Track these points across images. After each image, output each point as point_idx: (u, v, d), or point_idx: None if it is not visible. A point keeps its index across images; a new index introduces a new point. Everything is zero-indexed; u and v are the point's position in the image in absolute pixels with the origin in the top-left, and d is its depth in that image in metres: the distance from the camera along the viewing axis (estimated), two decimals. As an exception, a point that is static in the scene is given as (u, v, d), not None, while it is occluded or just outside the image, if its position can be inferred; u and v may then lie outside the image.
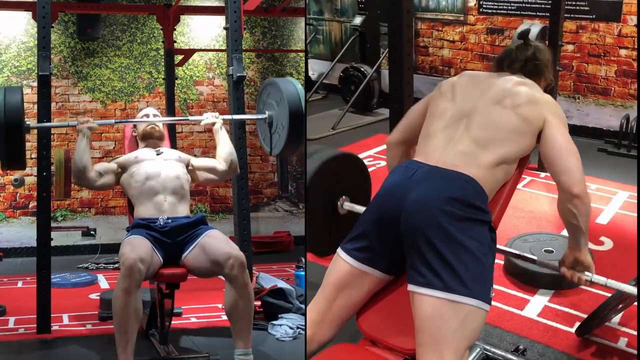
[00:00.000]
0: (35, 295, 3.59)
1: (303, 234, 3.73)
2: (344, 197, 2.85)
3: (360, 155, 5.11)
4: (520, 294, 3.25)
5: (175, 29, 5.47)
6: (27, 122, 2.96)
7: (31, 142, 6.76)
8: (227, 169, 3.28)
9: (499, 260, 3.39)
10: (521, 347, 2.70)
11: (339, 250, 2.05)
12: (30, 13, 5.33)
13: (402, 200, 1.91)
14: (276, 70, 7.70)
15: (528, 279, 3.30)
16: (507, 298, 3.22)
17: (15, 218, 6.79)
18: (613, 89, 5.98)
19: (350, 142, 5.97)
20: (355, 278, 2.00)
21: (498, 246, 2.21)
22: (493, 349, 2.63)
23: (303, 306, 3.72)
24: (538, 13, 6.27)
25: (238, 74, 3.64)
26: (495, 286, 3.05)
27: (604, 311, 2.65)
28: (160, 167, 3.18)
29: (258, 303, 3.71)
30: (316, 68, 8.12)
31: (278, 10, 6.03)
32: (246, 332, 2.88)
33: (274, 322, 3.61)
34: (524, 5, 6.41)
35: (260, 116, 3.36)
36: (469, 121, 2.05)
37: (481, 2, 6.71)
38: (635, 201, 4.24)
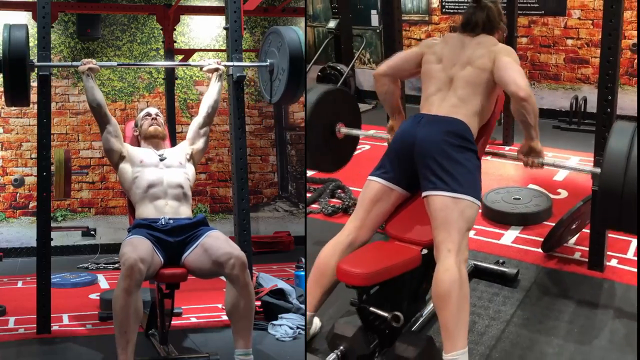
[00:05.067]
0: (35, 295, 3.58)
1: (303, 234, 3.76)
2: (339, 123, 3.39)
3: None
4: (496, 230, 4.08)
5: (175, 29, 5.47)
6: (32, 60, 3.01)
7: (31, 142, 6.79)
8: (207, 117, 3.46)
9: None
10: (501, 260, 3.51)
11: (370, 177, 2.80)
12: (30, 13, 5.33)
13: (414, 136, 2.67)
14: (276, 70, 7.71)
15: (501, 219, 4.15)
16: (487, 233, 4.04)
17: (15, 218, 6.80)
18: (563, 74, 6.94)
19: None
20: (385, 193, 2.76)
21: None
22: (479, 263, 3.46)
23: (303, 306, 3.72)
24: (494, 11, 6.90)
25: (238, 74, 3.64)
26: (476, 226, 4.01)
27: (560, 228, 3.52)
28: (163, 175, 3.19)
29: (258, 303, 3.71)
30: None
31: (278, 10, 6.04)
32: (247, 332, 2.88)
33: (274, 322, 3.62)
34: (481, 4, 7.13)
35: (262, 63, 3.42)
36: (454, 85, 2.79)
37: (443, 3, 7.52)
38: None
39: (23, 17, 6.62)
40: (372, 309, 2.49)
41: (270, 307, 3.74)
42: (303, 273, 4.18)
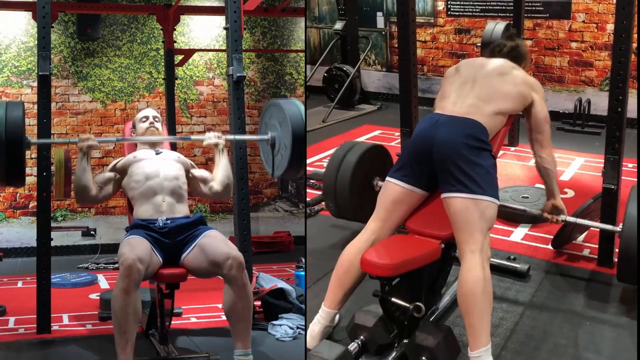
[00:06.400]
0: (35, 295, 3.59)
1: (303, 234, 3.75)
2: (377, 177, 3.69)
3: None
4: (506, 228, 4.15)
5: (175, 29, 5.47)
6: (28, 138, 2.96)
7: (31, 142, 6.77)
8: (221, 192, 3.28)
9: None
10: (512, 256, 3.62)
11: (389, 179, 2.85)
12: (30, 13, 5.33)
13: (432, 139, 2.70)
14: (276, 70, 7.71)
15: (510, 217, 4.17)
16: (497, 230, 4.03)
17: (15, 218, 6.79)
18: (567, 77, 6.99)
19: (341, 132, 6.53)
20: (404, 195, 2.80)
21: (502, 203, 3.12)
22: (491, 259, 3.46)
23: (303, 306, 3.72)
24: (500, 14, 7.06)
25: (238, 74, 3.64)
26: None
27: (570, 225, 3.55)
28: (159, 167, 3.17)
29: (258, 303, 3.71)
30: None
31: (278, 10, 6.04)
32: (245, 333, 2.88)
33: (274, 322, 3.61)
34: (487, 7, 7.31)
35: (262, 137, 3.30)
36: (474, 84, 2.87)
37: (449, 6, 7.50)
38: (590, 164, 5.45)
39: (23, 17, 6.64)
40: (394, 299, 2.59)
41: (270, 307, 3.74)
42: (303, 273, 4.18)
